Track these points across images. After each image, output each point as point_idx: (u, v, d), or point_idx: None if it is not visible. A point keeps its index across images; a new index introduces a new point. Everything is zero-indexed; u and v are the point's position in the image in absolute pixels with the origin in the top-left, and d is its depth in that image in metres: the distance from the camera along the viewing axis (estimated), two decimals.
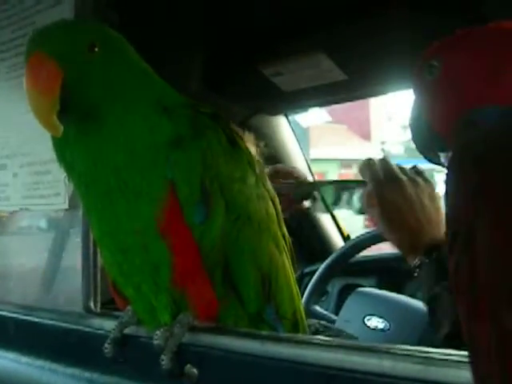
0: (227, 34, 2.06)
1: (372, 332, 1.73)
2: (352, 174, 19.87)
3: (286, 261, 1.05)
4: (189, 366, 0.94)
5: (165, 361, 0.92)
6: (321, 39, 2.05)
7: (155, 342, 0.93)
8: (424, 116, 0.86)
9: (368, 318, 1.79)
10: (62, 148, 0.92)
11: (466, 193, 0.57)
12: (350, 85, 2.26)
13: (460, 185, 0.59)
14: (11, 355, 1.27)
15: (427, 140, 0.88)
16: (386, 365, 0.76)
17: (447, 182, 0.60)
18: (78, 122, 0.88)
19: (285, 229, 1.07)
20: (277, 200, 1.06)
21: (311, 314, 1.95)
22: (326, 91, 2.33)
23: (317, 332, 1.41)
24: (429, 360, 0.73)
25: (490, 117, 0.68)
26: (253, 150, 1.54)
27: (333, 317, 1.97)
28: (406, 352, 0.77)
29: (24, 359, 1.24)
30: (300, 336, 0.93)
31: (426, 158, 0.92)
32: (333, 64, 2.13)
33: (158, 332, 0.94)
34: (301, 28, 1.98)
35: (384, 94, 2.45)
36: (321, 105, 2.68)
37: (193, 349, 0.95)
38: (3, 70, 1.39)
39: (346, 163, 19.24)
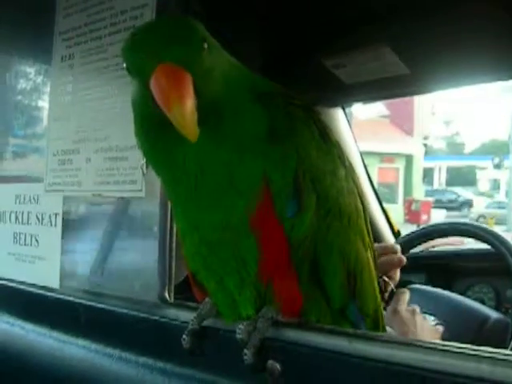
0: (292, 24, 2.03)
1: None
2: (391, 168, 19.70)
3: (371, 257, 1.03)
4: (271, 361, 0.92)
5: (248, 355, 0.90)
6: (386, 32, 2.01)
7: (238, 336, 0.91)
8: None
9: None
10: (165, 143, 0.87)
11: None
12: (412, 79, 2.23)
13: None
14: (81, 342, 1.27)
15: None
16: (484, 369, 0.74)
17: None
18: (202, 119, 0.82)
19: (369, 225, 1.05)
20: (364, 195, 1.04)
21: None
22: (387, 85, 2.29)
23: None
24: None
25: None
26: None
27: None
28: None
29: (94, 346, 1.23)
30: (391, 336, 0.90)
31: None
32: (396, 57, 2.09)
33: (240, 326, 0.92)
34: (366, 20, 1.95)
35: (444, 89, 2.43)
36: (380, 98, 2.63)
37: (276, 344, 0.93)
38: (78, 54, 1.38)
39: (386, 157, 19.09)
